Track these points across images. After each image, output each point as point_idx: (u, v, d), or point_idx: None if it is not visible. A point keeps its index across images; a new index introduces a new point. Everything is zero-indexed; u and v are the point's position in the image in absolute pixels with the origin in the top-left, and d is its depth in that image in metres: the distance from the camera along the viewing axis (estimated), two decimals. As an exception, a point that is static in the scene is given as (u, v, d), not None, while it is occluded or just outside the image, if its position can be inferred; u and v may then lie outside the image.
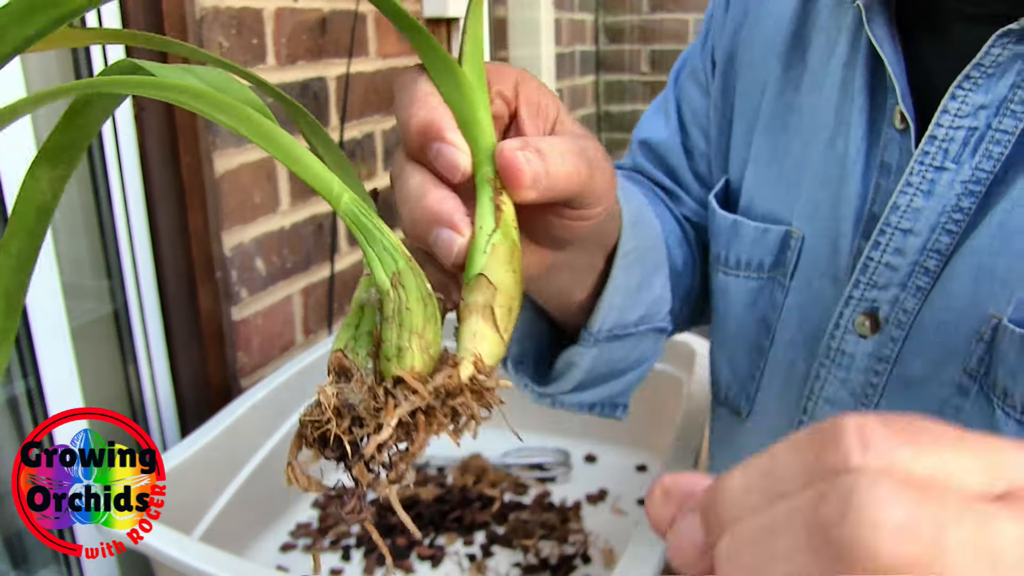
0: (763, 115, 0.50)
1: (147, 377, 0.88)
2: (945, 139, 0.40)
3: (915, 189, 0.41)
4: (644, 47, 2.47)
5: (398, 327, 0.26)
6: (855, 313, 0.44)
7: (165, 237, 0.87)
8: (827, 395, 0.46)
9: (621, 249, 0.42)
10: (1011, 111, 0.38)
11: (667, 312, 0.51)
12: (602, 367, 0.49)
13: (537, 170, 0.29)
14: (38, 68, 0.76)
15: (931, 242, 0.41)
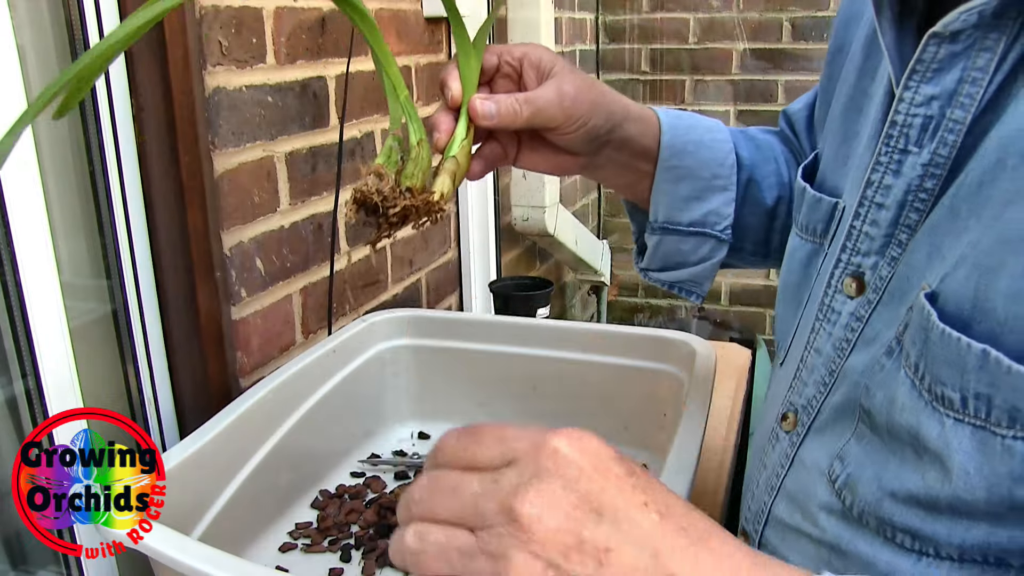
0: (844, 98, 0.56)
1: (146, 377, 0.88)
2: (904, 124, 0.44)
3: (884, 168, 0.46)
4: (644, 46, 2.47)
5: (414, 163, 0.52)
6: (844, 275, 0.49)
7: (164, 237, 0.86)
8: (817, 346, 0.51)
9: (662, 164, 0.64)
10: (960, 103, 0.42)
11: (726, 226, 0.67)
12: (673, 255, 0.69)
13: (487, 111, 0.55)
14: (38, 68, 0.76)
15: (902, 218, 0.45)
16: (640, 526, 0.32)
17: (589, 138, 0.60)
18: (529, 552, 0.32)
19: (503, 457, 0.35)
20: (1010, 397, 0.35)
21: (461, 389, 1.05)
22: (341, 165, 1.10)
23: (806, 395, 0.52)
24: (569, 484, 0.33)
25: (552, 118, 0.57)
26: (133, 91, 0.82)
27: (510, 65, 0.57)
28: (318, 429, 0.91)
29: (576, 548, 0.32)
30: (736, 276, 2.51)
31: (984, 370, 0.36)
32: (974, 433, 0.37)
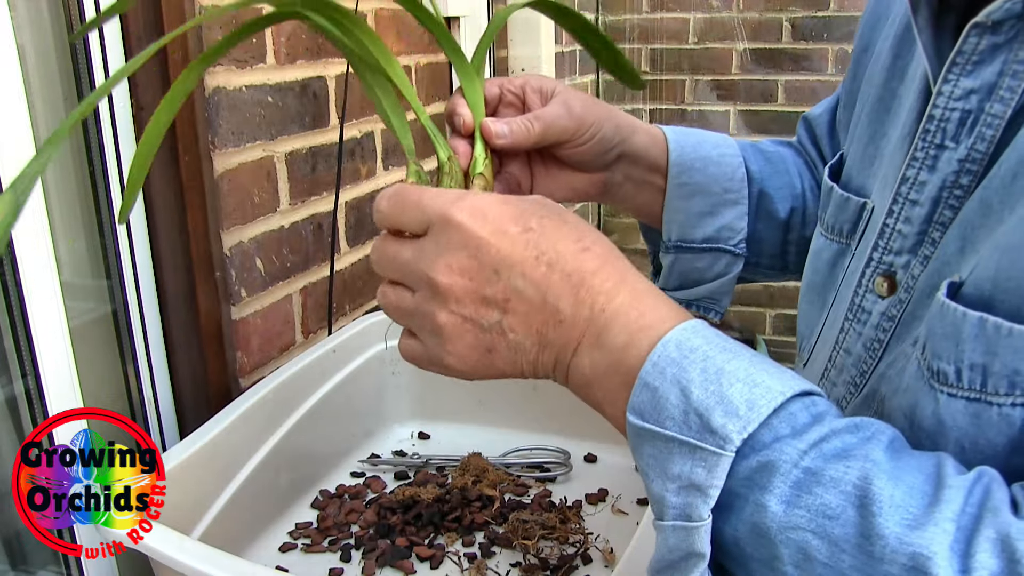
0: (871, 99, 0.56)
1: (146, 377, 0.88)
2: (942, 119, 0.43)
3: (920, 164, 0.45)
4: (644, 46, 2.47)
5: (450, 177, 0.52)
6: (875, 274, 0.49)
7: (164, 237, 0.86)
8: (847, 346, 0.51)
9: (672, 182, 0.65)
10: (1000, 97, 0.41)
11: (739, 240, 0.67)
12: (689, 272, 0.68)
13: (499, 130, 0.55)
14: (38, 68, 0.76)
15: (936, 215, 0.44)
16: (531, 277, 0.40)
17: (602, 149, 0.60)
18: (449, 311, 0.41)
19: (422, 224, 0.42)
20: (1010, 360, 0.35)
21: (461, 389, 1.04)
22: (341, 165, 1.10)
23: (835, 395, 0.51)
24: (472, 252, 0.41)
25: (564, 130, 0.57)
26: (133, 91, 0.82)
27: (512, 93, 0.58)
28: (318, 429, 0.91)
29: (483, 302, 0.41)
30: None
31: (980, 338, 0.36)
32: (967, 406, 0.37)
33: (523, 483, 0.93)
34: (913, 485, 0.33)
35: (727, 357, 0.37)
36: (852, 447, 0.35)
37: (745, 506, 0.36)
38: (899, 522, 0.32)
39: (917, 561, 0.31)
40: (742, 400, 0.36)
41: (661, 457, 0.37)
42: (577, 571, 0.79)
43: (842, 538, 0.33)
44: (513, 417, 1.02)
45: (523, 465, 0.96)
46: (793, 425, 0.36)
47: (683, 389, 0.37)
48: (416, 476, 0.96)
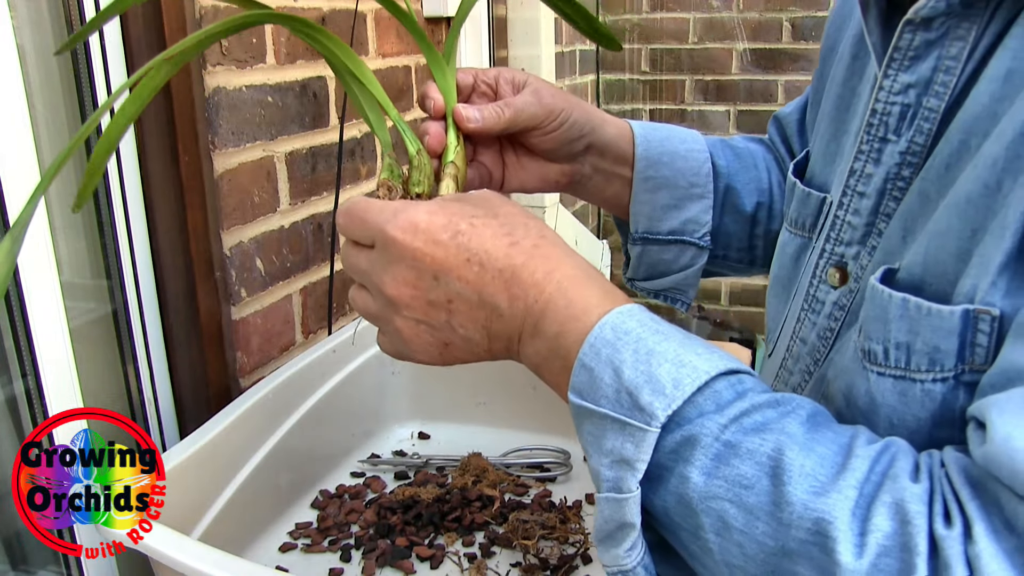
0: (833, 97, 0.57)
1: (146, 377, 0.88)
2: (884, 113, 0.45)
3: (866, 157, 0.47)
4: (644, 46, 2.47)
5: (419, 172, 0.54)
6: (828, 265, 0.50)
7: (164, 236, 0.86)
8: (802, 335, 0.53)
9: (639, 176, 0.66)
10: (935, 92, 0.43)
11: (704, 233, 0.68)
12: (656, 264, 0.70)
13: (471, 115, 0.57)
14: (38, 68, 0.76)
15: (883, 206, 0.46)
16: (465, 279, 0.44)
17: (570, 138, 0.62)
18: (402, 316, 0.45)
19: (369, 239, 0.46)
20: (930, 338, 0.38)
21: (461, 389, 1.05)
22: (341, 165, 1.10)
23: (792, 383, 0.53)
24: (410, 264, 0.44)
25: (533, 116, 0.59)
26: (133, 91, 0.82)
27: (485, 83, 0.60)
28: (318, 429, 0.91)
29: (430, 306, 0.45)
30: (736, 276, 2.51)
31: (904, 318, 0.39)
32: (895, 384, 0.39)
33: (523, 483, 0.93)
34: (824, 455, 0.35)
35: (658, 339, 0.40)
36: (770, 421, 0.37)
37: (671, 478, 0.38)
38: (806, 490, 0.34)
39: (820, 526, 0.33)
40: (669, 379, 0.38)
41: (597, 433, 0.39)
42: (577, 571, 0.79)
43: (756, 506, 0.35)
44: (513, 417, 1.02)
45: (523, 465, 0.96)
46: (717, 402, 0.38)
47: (616, 369, 0.39)
48: (416, 476, 0.96)
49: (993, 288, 0.36)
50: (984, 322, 0.36)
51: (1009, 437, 0.32)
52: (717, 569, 0.37)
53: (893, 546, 0.32)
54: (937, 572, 0.32)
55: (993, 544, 0.32)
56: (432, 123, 0.56)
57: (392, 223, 0.44)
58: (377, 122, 0.56)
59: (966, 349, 0.37)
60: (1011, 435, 0.32)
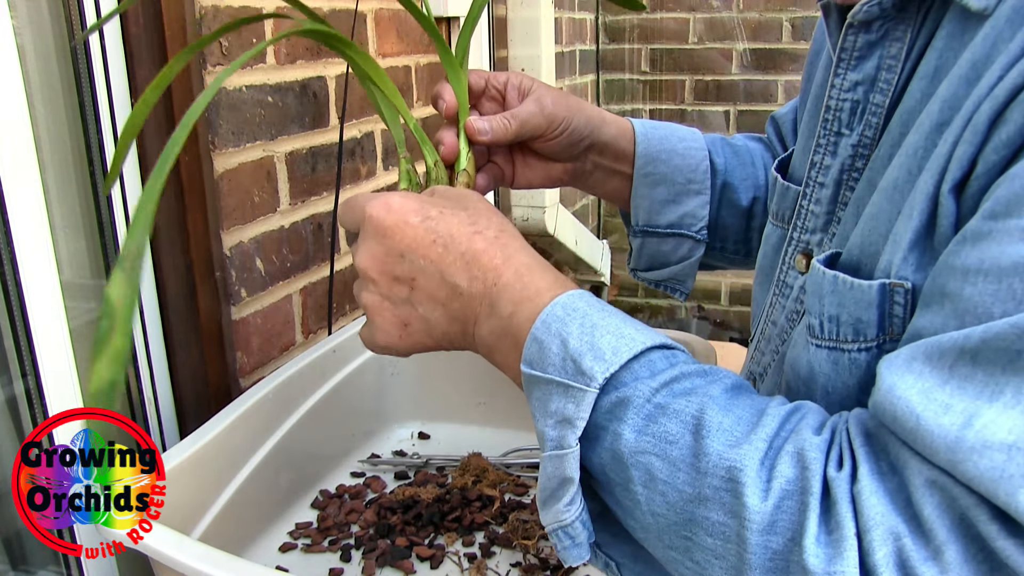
0: (813, 97, 0.60)
1: (146, 377, 0.88)
2: (837, 108, 0.49)
3: (824, 150, 0.50)
4: (644, 46, 2.47)
5: (436, 183, 0.58)
6: (795, 252, 0.54)
7: (164, 237, 0.86)
8: (773, 318, 0.56)
9: (639, 172, 0.70)
10: (880, 88, 0.46)
11: (701, 227, 0.72)
12: (656, 255, 0.74)
13: (482, 127, 0.61)
14: (38, 68, 0.76)
15: (840, 196, 0.50)
16: (429, 257, 0.47)
17: (572, 141, 0.66)
18: (370, 291, 0.49)
19: (354, 222, 0.50)
20: (854, 311, 0.42)
21: (461, 389, 1.05)
22: (341, 165, 1.10)
23: (763, 363, 0.57)
24: (381, 241, 0.48)
25: (537, 126, 0.63)
26: (133, 91, 0.82)
27: (495, 88, 0.64)
28: (318, 429, 0.91)
29: (394, 281, 0.48)
30: (736, 276, 2.51)
31: (835, 292, 0.43)
32: (829, 355, 0.44)
33: (523, 483, 0.93)
34: (741, 416, 0.39)
35: (603, 316, 0.43)
36: (697, 387, 0.41)
37: (606, 436, 0.41)
38: (722, 442, 0.38)
39: (732, 473, 0.37)
40: (608, 347, 0.42)
41: (544, 398, 0.43)
42: (577, 571, 0.79)
43: (678, 458, 0.39)
44: (513, 417, 1.02)
45: (523, 465, 0.96)
46: (651, 369, 0.42)
47: (563, 340, 0.42)
48: (416, 476, 0.96)
49: (905, 263, 0.40)
50: (899, 294, 0.40)
51: (893, 387, 0.35)
52: (644, 520, 0.41)
53: (794, 490, 0.36)
54: (827, 510, 0.35)
55: (875, 482, 0.35)
56: (447, 133, 0.61)
57: (370, 204, 0.48)
58: (392, 120, 0.61)
59: (885, 320, 0.41)
60: (895, 384, 0.35)
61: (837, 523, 0.35)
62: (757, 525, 0.36)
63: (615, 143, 0.69)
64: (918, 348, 0.36)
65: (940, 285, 0.37)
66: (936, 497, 0.33)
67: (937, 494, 0.33)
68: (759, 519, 0.36)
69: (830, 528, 0.35)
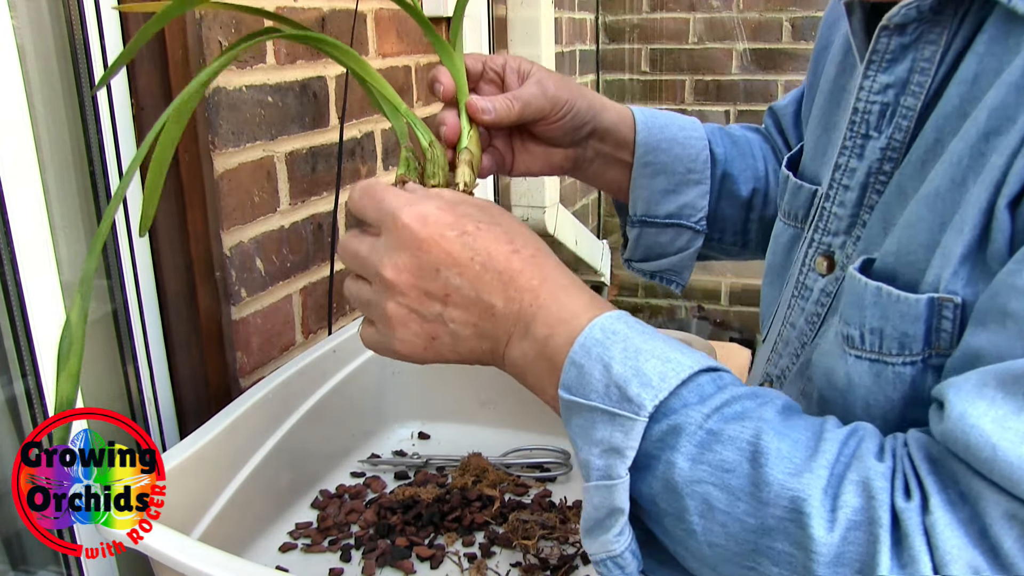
0: (824, 93, 0.60)
1: (146, 377, 0.88)
2: (865, 111, 0.48)
3: (850, 152, 0.50)
4: (644, 46, 2.47)
5: (434, 164, 0.56)
6: (816, 254, 0.53)
7: (164, 237, 0.86)
8: (792, 320, 0.56)
9: (639, 161, 0.68)
10: (912, 91, 0.46)
11: (700, 218, 0.71)
12: (653, 246, 0.73)
13: (485, 106, 0.58)
14: (38, 68, 0.76)
15: (866, 199, 0.49)
16: (466, 275, 0.45)
17: (575, 126, 0.64)
18: (396, 302, 0.46)
19: (379, 222, 0.47)
20: (899, 324, 0.41)
21: (461, 389, 1.05)
22: (341, 165, 1.10)
23: (781, 365, 0.56)
24: (415, 254, 0.46)
25: (540, 109, 0.61)
26: (133, 91, 0.82)
27: (493, 71, 0.62)
28: (318, 429, 0.91)
29: (426, 296, 0.46)
30: (736, 276, 2.51)
31: (878, 305, 0.42)
32: (871, 367, 0.42)
33: (523, 483, 0.93)
34: (798, 440, 0.38)
35: (645, 339, 0.42)
36: (749, 410, 0.40)
37: (658, 465, 0.40)
38: (783, 471, 0.37)
39: (795, 503, 0.36)
40: (655, 373, 0.40)
41: (587, 426, 0.41)
42: (577, 571, 0.79)
43: (738, 488, 0.38)
44: (513, 417, 1.02)
45: (523, 465, 0.96)
46: (700, 394, 0.41)
47: (605, 365, 0.41)
48: (416, 476, 0.96)
49: (955, 277, 0.39)
50: (948, 309, 0.39)
51: (964, 414, 0.34)
52: (699, 550, 0.40)
53: (861, 521, 0.35)
54: (898, 542, 0.34)
55: (948, 514, 0.34)
56: (448, 113, 0.59)
57: (405, 210, 0.46)
58: (393, 114, 0.58)
59: (932, 334, 0.40)
60: (966, 412, 0.34)
61: (911, 557, 0.34)
62: (824, 557, 0.35)
63: (616, 130, 0.68)
64: (988, 373, 0.35)
65: (1000, 304, 0.36)
66: (1017, 530, 0.33)
67: (1017, 527, 0.33)
68: (826, 551, 0.35)
69: (903, 562, 0.34)
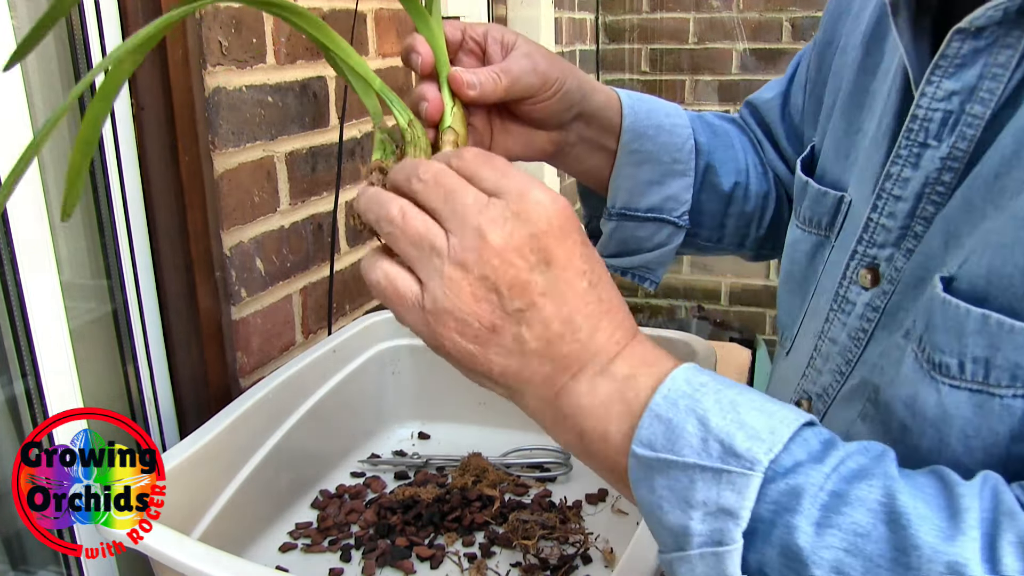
0: (843, 94, 0.57)
1: (146, 377, 0.88)
2: (925, 119, 0.45)
3: (904, 161, 0.47)
4: (644, 46, 2.47)
5: (414, 147, 0.48)
6: (859, 267, 0.51)
7: (164, 236, 0.86)
8: (832, 335, 0.53)
9: (624, 148, 0.63)
10: (980, 98, 0.43)
11: (683, 212, 0.67)
12: (629, 241, 0.69)
13: (471, 80, 0.52)
14: (38, 68, 0.76)
15: (919, 210, 0.46)
16: (573, 288, 0.40)
17: (564, 106, 0.59)
18: (481, 273, 0.39)
19: (496, 187, 0.40)
20: (1012, 355, 0.37)
21: (461, 389, 1.04)
22: (341, 165, 1.10)
23: (821, 383, 0.53)
24: (535, 234, 0.39)
25: (529, 85, 0.55)
26: (133, 91, 0.82)
27: (474, 41, 0.56)
28: (318, 429, 0.91)
29: (519, 285, 0.39)
30: (736, 276, 2.51)
31: (983, 333, 0.38)
32: (971, 397, 0.39)
33: (523, 483, 0.93)
34: (931, 498, 0.35)
35: (736, 391, 0.39)
36: (868, 467, 0.36)
37: (773, 530, 0.36)
38: (931, 534, 0.33)
39: (954, 569, 0.32)
40: (762, 426, 0.37)
41: (680, 487, 0.37)
42: (577, 571, 0.79)
43: (876, 554, 0.34)
44: (513, 417, 1.01)
45: (523, 465, 0.96)
46: (808, 450, 0.37)
47: (700, 418, 0.37)
48: (416, 476, 0.96)
49: None
50: None
51: None
52: None
53: None
54: None
55: None
56: (427, 87, 0.52)
57: (541, 188, 0.40)
58: (364, 89, 0.50)
59: None
60: None
61: None
62: None
63: (603, 113, 0.63)
64: None
65: None
66: None
67: None
68: None
69: None
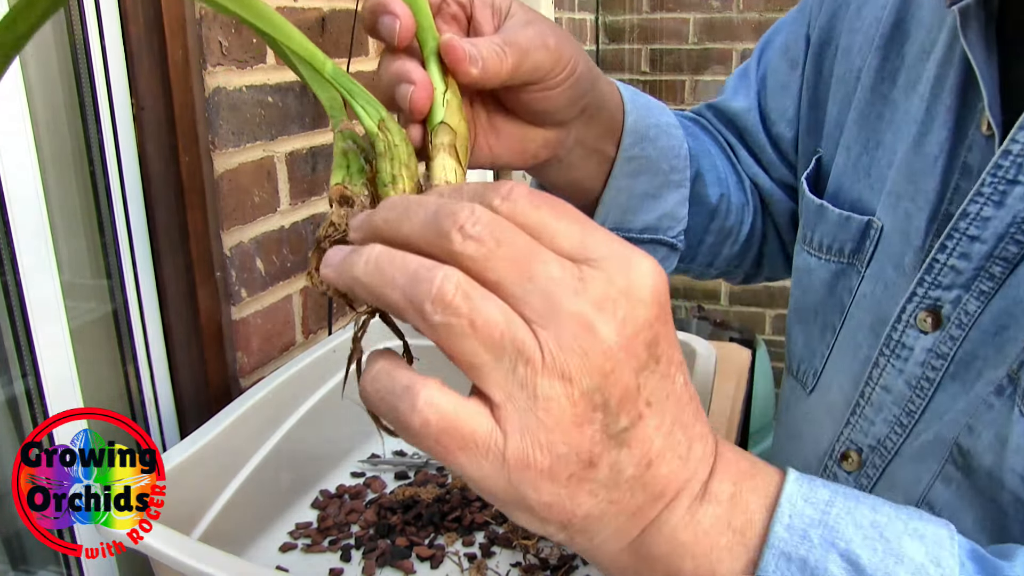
0: (857, 103, 0.52)
1: (146, 377, 0.88)
2: (1021, 153, 0.40)
3: (986, 199, 0.42)
4: (644, 46, 2.47)
5: (390, 160, 0.34)
6: (918, 309, 0.46)
7: (164, 237, 0.86)
8: (885, 383, 0.48)
9: (624, 154, 0.51)
10: None
11: (679, 231, 0.56)
12: None
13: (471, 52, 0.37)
14: (38, 68, 0.76)
15: (998, 250, 0.42)
16: (673, 388, 0.29)
17: (575, 95, 0.44)
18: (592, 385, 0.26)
19: (583, 250, 0.27)
20: None
21: (461, 389, 1.04)
22: (341, 165, 1.10)
23: (874, 434, 0.49)
24: (650, 321, 0.27)
25: (540, 64, 0.41)
26: (133, 91, 0.82)
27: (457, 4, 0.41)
28: (318, 429, 0.91)
29: (629, 395, 0.27)
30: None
31: None
32: None
33: (523, 483, 0.93)
34: None
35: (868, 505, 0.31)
36: None
37: None
38: None
39: None
40: (926, 557, 0.29)
41: None
42: (577, 571, 0.79)
43: None
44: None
45: (523, 465, 0.96)
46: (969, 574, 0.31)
47: (843, 554, 0.29)
48: (416, 476, 0.96)
49: None
50: None
51: None
52: None
53: None
54: None
55: None
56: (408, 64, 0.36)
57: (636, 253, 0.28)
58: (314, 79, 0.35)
59: None
60: None
61: None
62: None
63: (607, 107, 0.49)
64: None
65: None
66: None
67: None
68: None
69: None
